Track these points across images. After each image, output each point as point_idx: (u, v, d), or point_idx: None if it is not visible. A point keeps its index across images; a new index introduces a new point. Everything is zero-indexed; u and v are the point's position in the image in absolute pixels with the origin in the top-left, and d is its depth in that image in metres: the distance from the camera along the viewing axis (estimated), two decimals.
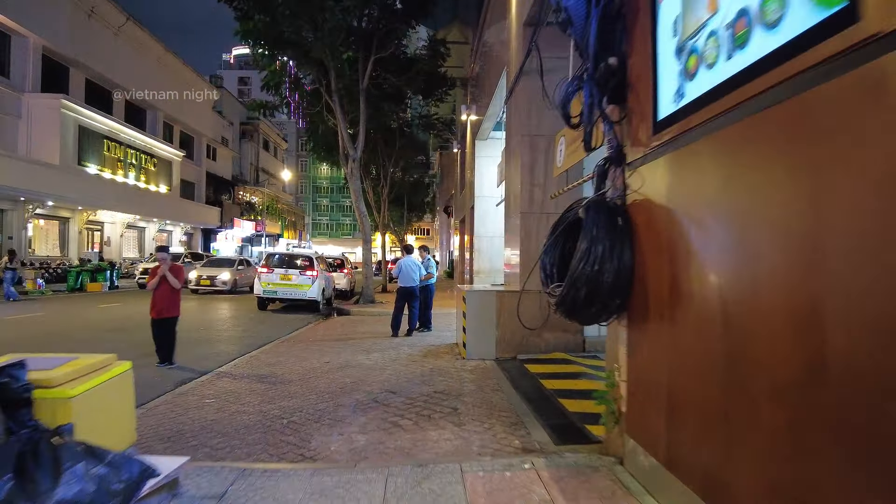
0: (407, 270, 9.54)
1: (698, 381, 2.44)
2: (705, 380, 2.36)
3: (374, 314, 13.59)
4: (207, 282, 18.94)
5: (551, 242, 3.55)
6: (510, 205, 8.13)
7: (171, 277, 6.96)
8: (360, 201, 15.77)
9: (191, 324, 11.22)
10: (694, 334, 2.49)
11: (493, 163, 13.66)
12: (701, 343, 2.40)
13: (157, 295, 7.01)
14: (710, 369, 2.30)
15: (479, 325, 7.09)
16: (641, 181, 3.05)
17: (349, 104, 16.40)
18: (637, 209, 3.11)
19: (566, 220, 3.49)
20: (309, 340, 9.21)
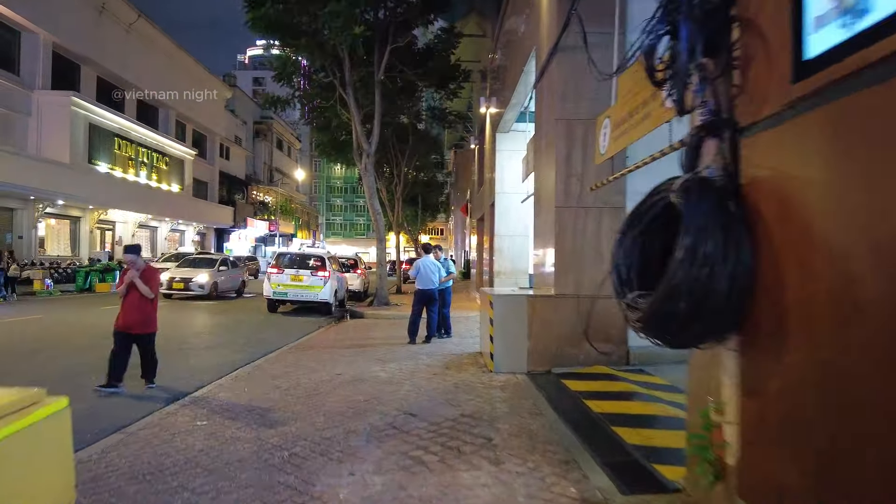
0: (426, 272, 8.75)
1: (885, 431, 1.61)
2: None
3: (388, 317, 12.83)
4: (181, 285, 16.25)
5: (630, 238, 2.73)
6: (541, 199, 7.31)
7: (142, 285, 5.59)
8: (374, 198, 15.04)
9: (194, 328, 10.59)
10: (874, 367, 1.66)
11: (515, 157, 12.82)
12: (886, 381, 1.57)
13: (127, 305, 5.71)
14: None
15: (509, 335, 6.28)
16: (769, 152, 2.22)
17: (363, 97, 15.68)
18: (761, 192, 2.27)
19: (650, 208, 2.65)
20: (319, 347, 8.48)
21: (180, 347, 8.38)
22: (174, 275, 16.47)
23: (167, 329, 9.60)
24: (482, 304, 7.55)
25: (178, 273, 16.75)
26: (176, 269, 17.19)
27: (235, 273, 18.93)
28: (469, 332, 10.12)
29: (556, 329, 6.31)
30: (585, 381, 5.66)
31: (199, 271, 16.80)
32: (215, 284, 16.87)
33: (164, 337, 8.47)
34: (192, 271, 16.79)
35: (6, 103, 20.88)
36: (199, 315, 13.03)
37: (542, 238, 7.27)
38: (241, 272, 19.54)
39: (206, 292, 16.29)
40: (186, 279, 16.35)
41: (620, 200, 6.52)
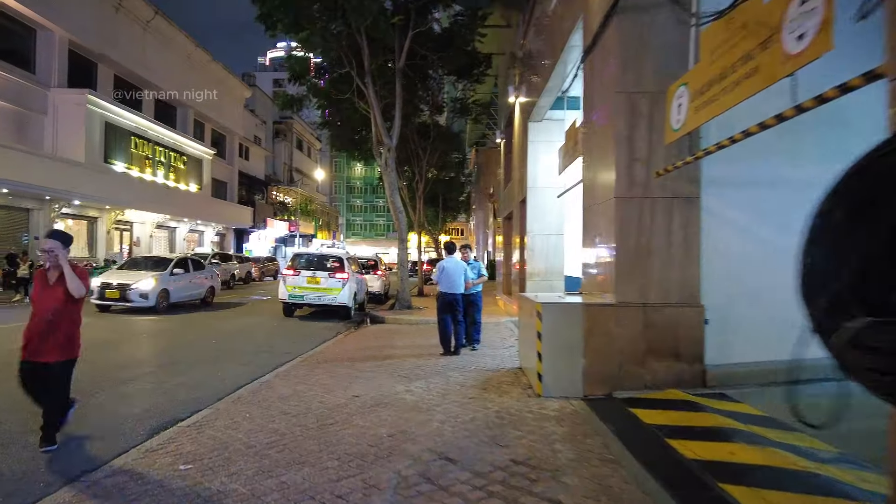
0: (451, 274, 7.72)
1: None
2: None
3: (411, 322, 11.86)
4: (116, 293, 12.34)
5: (839, 222, 1.64)
6: (594, 189, 6.22)
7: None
8: (395, 196, 14.08)
9: (199, 334, 9.69)
10: None
11: (550, 148, 11.72)
12: None
13: (39, 316, 3.96)
14: None
15: (560, 351, 5.22)
16: None
17: (382, 88, 14.76)
18: None
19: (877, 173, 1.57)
20: (336, 359, 7.52)
21: (180, 359, 7.51)
22: (109, 279, 12.75)
23: (162, 337, 9.14)
24: (523, 312, 6.50)
25: (116, 277, 12.98)
26: (114, 273, 13.68)
27: (199, 277, 15.01)
28: (501, 341, 9.09)
29: (618, 344, 5.23)
30: (660, 411, 4.57)
31: (142, 275, 13.03)
32: (165, 293, 13.13)
33: (162, 345, 7.98)
34: (134, 275, 13.07)
35: (22, 101, 20.53)
36: (205, 320, 12.22)
37: (593, 235, 6.20)
38: (208, 276, 15.64)
39: (150, 303, 12.59)
40: (124, 285, 12.51)
41: (693, 190, 5.42)
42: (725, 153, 4.34)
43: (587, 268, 6.46)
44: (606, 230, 5.68)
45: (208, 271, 15.94)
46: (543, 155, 11.85)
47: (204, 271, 15.54)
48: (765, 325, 5.47)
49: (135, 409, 5.09)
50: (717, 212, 5.46)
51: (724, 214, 5.49)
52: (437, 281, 7.86)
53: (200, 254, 22.24)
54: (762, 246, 5.56)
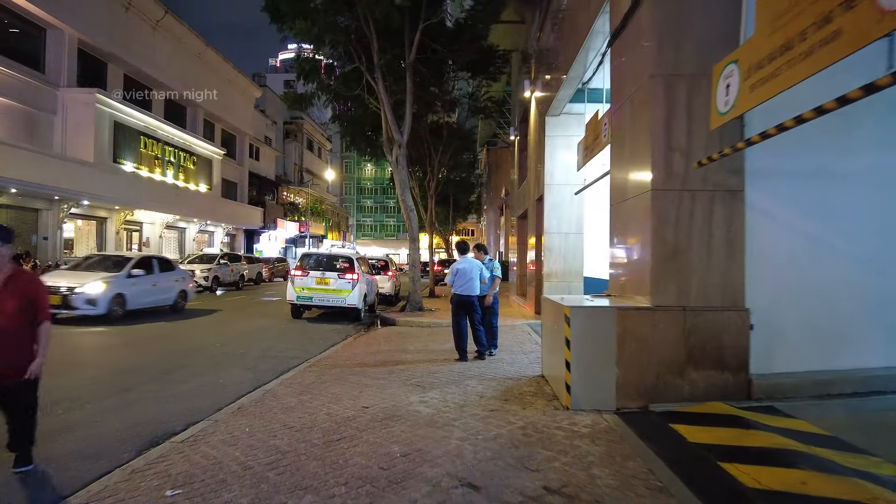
0: (465, 274, 7.23)
1: None
2: None
3: (423, 325, 11.41)
4: (58, 299, 9.97)
5: None
6: (624, 183, 5.73)
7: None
8: (406, 194, 13.64)
9: (204, 337, 9.29)
10: None
11: (568, 143, 11.23)
12: None
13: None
14: None
15: (591, 359, 4.73)
16: None
17: (393, 83, 14.35)
18: None
19: None
20: (345, 364, 7.09)
21: (181, 364, 7.12)
22: (56, 281, 10.35)
23: (167, 341, 8.65)
24: (546, 316, 6.02)
25: (59, 279, 10.62)
26: (62, 274, 11.54)
27: (166, 279, 12.73)
28: (519, 346, 8.61)
29: (655, 352, 4.73)
30: (706, 428, 4.08)
31: (89, 277, 10.82)
32: (119, 298, 11.02)
33: (164, 353, 7.34)
34: (81, 277, 10.84)
35: (31, 101, 20.40)
36: (210, 323, 11.87)
37: (623, 232, 5.71)
38: (179, 278, 13.38)
39: (100, 311, 10.46)
40: (68, 289, 10.24)
41: (737, 183, 4.91)
42: (772, 141, 3.86)
43: (616, 268, 5.97)
44: (640, 226, 5.19)
45: (178, 273, 13.62)
46: (561, 150, 11.36)
47: (173, 272, 13.25)
48: (815, 332, 4.98)
49: (126, 422, 4.69)
50: (763, 206, 4.95)
51: (771, 209, 4.98)
52: (451, 283, 7.39)
53: (209, 254, 22.01)
54: (812, 244, 5.05)
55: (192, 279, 14.23)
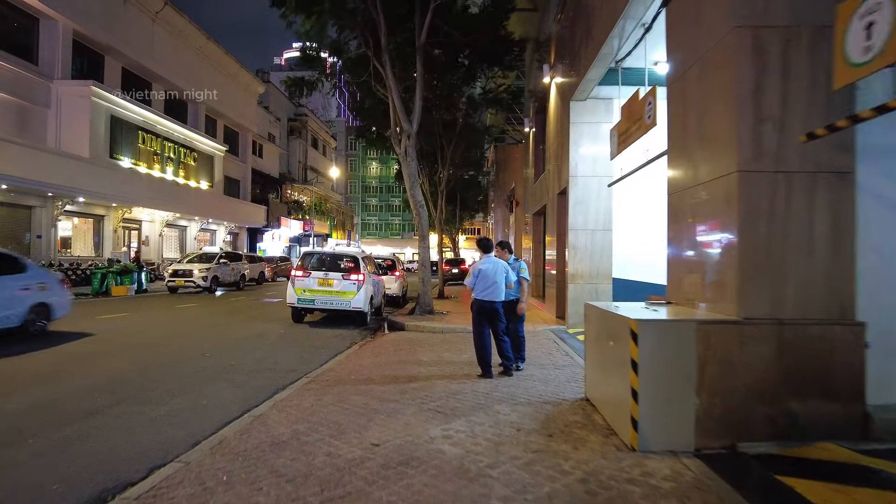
0: (490, 277, 6.22)
1: None
2: None
3: (435, 330, 10.42)
4: None
5: None
6: (692, 165, 4.70)
7: None
8: (415, 188, 12.64)
9: (194, 343, 8.26)
10: None
11: (595, 131, 10.21)
12: None
13: None
14: None
15: (665, 386, 3.72)
16: None
17: (402, 70, 13.37)
18: None
19: None
20: (349, 380, 6.10)
21: (161, 379, 6.15)
22: None
23: (147, 351, 7.45)
24: (593, 326, 5.01)
25: None
26: None
27: (9, 288, 8.11)
28: (547, 357, 7.60)
29: (743, 377, 3.72)
30: (834, 487, 3.05)
31: None
32: None
33: (143, 360, 6.07)
34: None
35: (24, 94, 19.57)
36: (207, 327, 10.92)
37: (689, 226, 4.68)
38: (34, 285, 8.53)
39: None
40: None
41: (846, 162, 3.88)
42: None
43: (678, 271, 4.94)
44: (718, 218, 4.16)
45: (35, 276, 8.70)
46: (587, 139, 10.33)
47: (23, 276, 8.43)
48: None
49: (73, 466, 3.71)
50: (880, 191, 3.92)
51: (890, 195, 3.94)
52: (471, 286, 6.38)
53: (208, 253, 21.10)
54: None
55: (65, 283, 9.73)
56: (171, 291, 18.94)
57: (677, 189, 4.96)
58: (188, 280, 18.64)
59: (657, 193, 10.37)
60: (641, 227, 10.41)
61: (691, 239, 4.63)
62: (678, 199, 4.94)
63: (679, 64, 5.00)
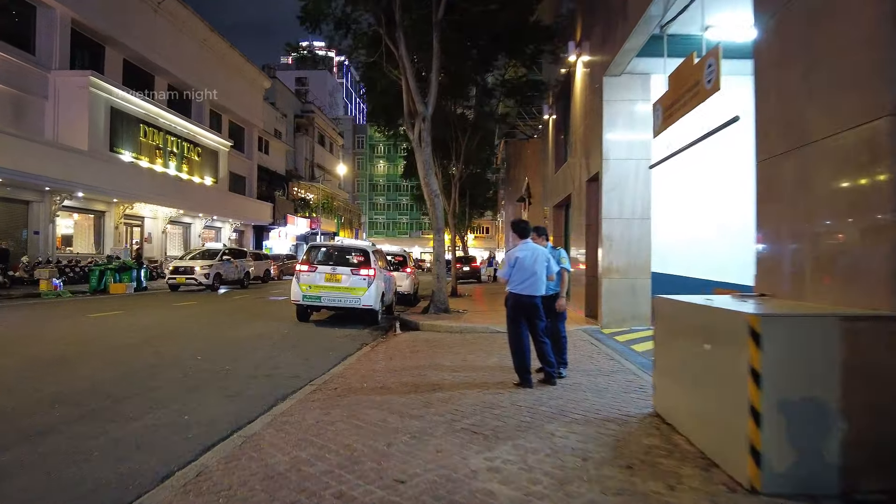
0: (529, 267, 5.23)
1: None
2: None
3: (453, 330, 9.46)
4: None
5: None
6: (792, 122, 3.70)
7: None
8: (430, 177, 11.68)
9: (193, 344, 7.29)
10: None
11: (631, 110, 9.21)
12: None
13: None
14: None
15: (798, 404, 2.72)
16: None
17: (416, 51, 12.42)
18: None
19: None
20: (362, 388, 5.15)
21: (141, 385, 5.22)
22: None
23: (133, 351, 6.36)
24: (668, 325, 4.01)
25: None
26: None
27: None
28: (588, 360, 6.62)
29: None
30: None
31: None
32: None
33: (125, 363, 5.22)
34: None
35: (20, 84, 18.81)
36: (204, 326, 10.02)
37: (797, 197, 3.68)
38: None
39: None
40: None
41: None
42: None
43: (774, 254, 3.94)
44: (853, 180, 3.15)
45: None
46: (623, 119, 9.32)
47: None
48: None
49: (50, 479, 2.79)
50: None
51: None
52: (506, 277, 5.39)
53: (211, 249, 20.25)
54: None
55: None
56: (172, 289, 18.12)
57: (772, 153, 3.95)
58: (189, 277, 17.80)
59: (709, 174, 9.34)
60: (686, 215, 9.39)
61: (798, 214, 3.63)
62: (773, 166, 3.93)
63: (774, 4, 3.98)
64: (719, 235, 9.11)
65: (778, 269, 3.87)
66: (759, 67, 4.20)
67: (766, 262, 4.06)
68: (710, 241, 9.18)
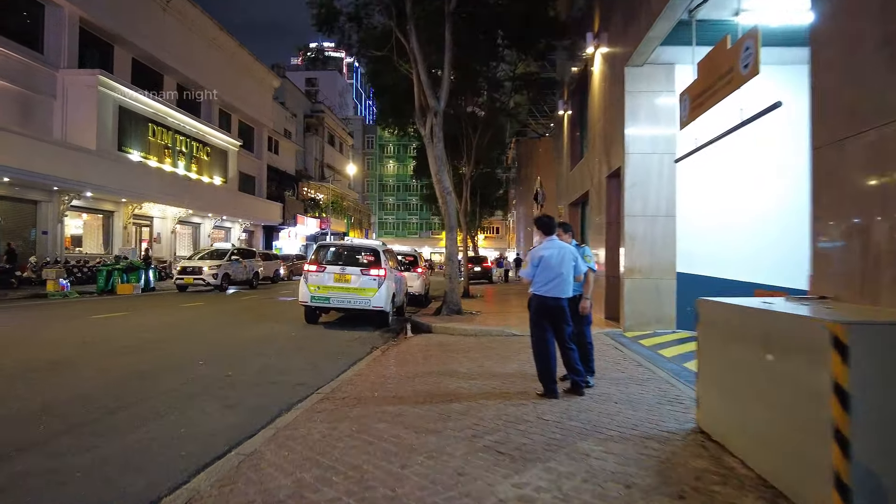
0: (555, 266, 4.82)
1: None
2: None
3: (467, 333, 9.06)
4: None
5: None
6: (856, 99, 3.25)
7: None
8: (442, 173, 11.29)
9: (187, 348, 6.96)
10: None
11: (654, 101, 8.75)
12: None
13: None
14: None
15: (891, 428, 2.28)
16: None
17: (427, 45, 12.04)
18: None
19: None
20: (372, 398, 4.76)
21: (137, 394, 4.86)
22: None
23: (132, 356, 5.93)
24: (719, 332, 3.58)
25: None
26: None
27: None
28: (615, 367, 6.20)
29: None
30: None
31: None
32: None
33: (122, 369, 4.74)
34: None
35: (28, 83, 18.67)
36: (209, 328, 9.70)
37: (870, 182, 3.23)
38: None
39: None
40: None
41: None
42: None
43: (838, 253, 3.49)
44: None
45: None
46: (645, 111, 8.86)
47: None
48: None
49: None
50: None
51: None
52: (529, 278, 4.98)
53: (220, 249, 20.00)
54: None
55: None
56: (180, 290, 17.88)
57: (834, 138, 3.50)
58: (198, 278, 17.56)
59: (736, 169, 8.82)
60: (713, 212, 8.91)
61: (870, 203, 3.18)
62: (835, 152, 3.48)
63: None
64: (749, 233, 8.62)
65: (841, 269, 3.42)
66: (817, 46, 3.75)
67: (825, 261, 3.61)
68: (739, 239, 8.70)
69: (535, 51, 14.66)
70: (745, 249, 8.63)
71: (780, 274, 8.44)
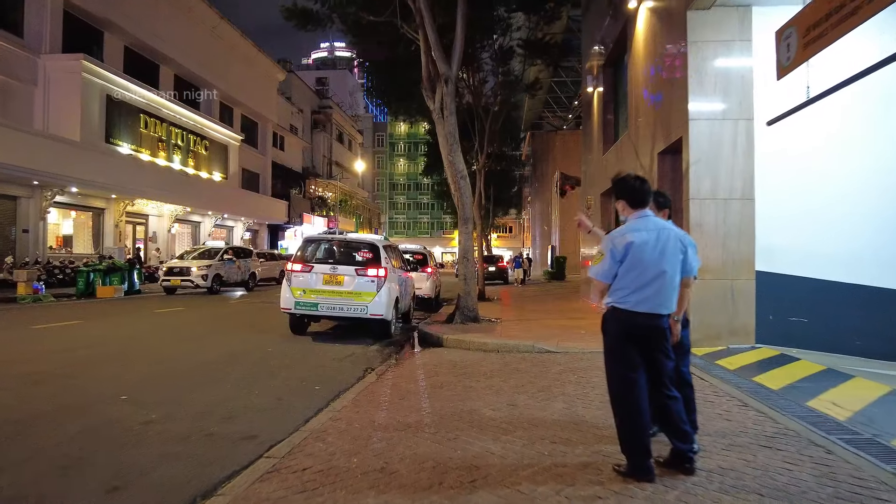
0: (650, 261, 2.89)
1: None
2: None
3: (488, 348, 7.23)
4: None
5: None
6: None
7: None
8: (455, 153, 9.48)
9: (117, 373, 5.13)
10: None
11: (728, 52, 6.85)
12: None
13: None
14: None
15: None
16: None
17: None
18: None
19: None
20: (344, 473, 2.95)
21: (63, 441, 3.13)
22: None
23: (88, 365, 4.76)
24: None
25: None
26: None
27: None
28: (710, 409, 4.29)
29: None
30: None
31: None
32: None
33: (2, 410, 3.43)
34: None
35: (6, 70, 17.24)
36: (171, 342, 7.97)
37: None
38: None
39: None
40: None
41: None
42: None
43: None
44: None
45: None
46: (715, 68, 6.94)
47: None
48: None
49: None
50: None
51: None
52: (607, 281, 3.00)
53: (213, 248, 18.37)
54: None
55: None
56: (167, 292, 16.28)
57: None
58: (185, 279, 15.94)
59: (844, 135, 6.77)
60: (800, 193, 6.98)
61: None
62: None
63: None
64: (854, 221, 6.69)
65: None
66: None
67: None
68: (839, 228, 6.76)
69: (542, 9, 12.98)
70: (847, 241, 6.69)
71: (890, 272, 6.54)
